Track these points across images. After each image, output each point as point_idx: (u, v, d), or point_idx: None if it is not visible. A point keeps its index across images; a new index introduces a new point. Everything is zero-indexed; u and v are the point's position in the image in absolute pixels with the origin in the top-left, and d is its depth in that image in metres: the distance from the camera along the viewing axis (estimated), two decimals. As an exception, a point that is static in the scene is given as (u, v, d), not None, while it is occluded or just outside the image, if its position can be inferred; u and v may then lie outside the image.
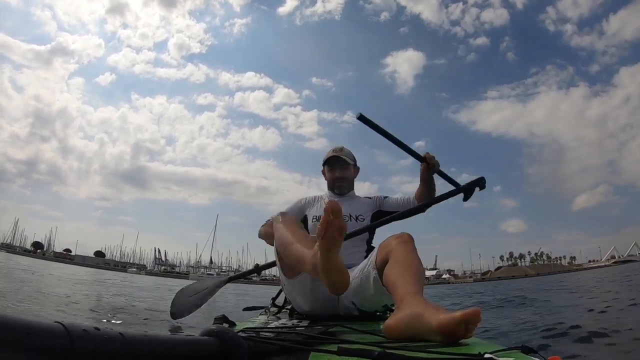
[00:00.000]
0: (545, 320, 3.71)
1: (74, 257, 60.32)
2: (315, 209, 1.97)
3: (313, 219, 1.93)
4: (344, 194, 2.00)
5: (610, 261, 64.02)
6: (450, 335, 0.87)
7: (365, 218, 1.87)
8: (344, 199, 1.98)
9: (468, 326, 0.87)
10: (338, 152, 1.99)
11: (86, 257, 62.23)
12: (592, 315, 3.91)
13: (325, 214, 0.97)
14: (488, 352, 0.71)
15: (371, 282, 1.35)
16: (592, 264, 67.29)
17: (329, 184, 2.05)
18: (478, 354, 0.69)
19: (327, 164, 2.00)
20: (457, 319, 0.85)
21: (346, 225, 1.02)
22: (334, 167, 1.99)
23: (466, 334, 0.88)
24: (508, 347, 0.77)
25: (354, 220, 1.86)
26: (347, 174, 2.00)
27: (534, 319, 4.04)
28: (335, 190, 2.01)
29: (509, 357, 0.70)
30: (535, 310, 5.09)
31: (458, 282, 60.90)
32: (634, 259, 57.12)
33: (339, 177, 1.98)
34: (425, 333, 0.91)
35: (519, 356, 0.72)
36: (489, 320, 3.95)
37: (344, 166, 1.99)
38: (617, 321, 3.29)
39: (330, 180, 2.01)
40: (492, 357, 0.68)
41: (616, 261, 61.62)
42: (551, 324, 3.33)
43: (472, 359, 0.69)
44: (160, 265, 67.72)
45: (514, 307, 5.85)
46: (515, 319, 4.21)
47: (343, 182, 1.99)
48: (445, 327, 0.86)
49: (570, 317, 3.84)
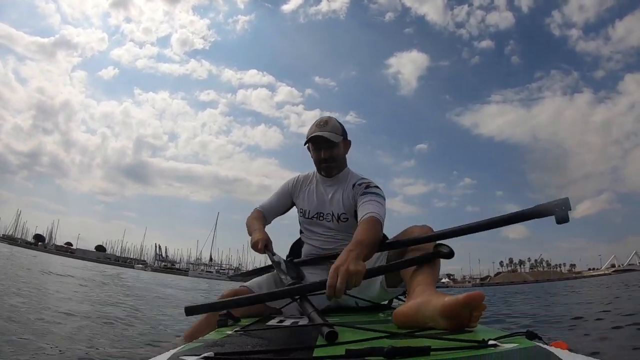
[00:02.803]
0: (549, 311, 3.69)
1: (75, 250, 60.49)
2: (303, 199, 1.78)
3: (300, 212, 1.78)
4: (332, 175, 1.73)
5: (610, 270, 63.54)
6: (454, 318, 0.90)
7: (349, 217, 1.67)
8: (334, 185, 1.73)
9: (472, 313, 0.90)
10: (322, 129, 1.65)
11: (87, 251, 62.39)
12: (597, 307, 3.90)
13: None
14: (492, 339, 0.72)
15: (377, 286, 1.41)
16: (592, 272, 66.90)
17: (315, 165, 1.77)
18: (482, 340, 0.70)
19: (311, 143, 1.69)
20: (460, 301, 0.89)
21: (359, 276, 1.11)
22: (319, 147, 1.68)
23: (471, 322, 0.91)
24: (512, 332, 0.78)
25: (336, 220, 1.68)
26: (334, 153, 1.68)
27: (536, 309, 4.02)
28: (322, 172, 1.74)
29: (513, 342, 0.71)
30: (538, 302, 5.07)
31: (457, 286, 60.83)
32: (634, 268, 56.72)
33: (325, 158, 1.68)
34: (432, 318, 0.95)
35: (522, 342, 0.73)
36: (491, 310, 3.94)
37: (330, 145, 1.67)
38: (620, 312, 3.28)
39: (316, 160, 1.73)
40: (495, 343, 0.69)
41: (616, 270, 61.18)
42: (555, 314, 3.34)
43: (476, 345, 0.69)
44: (160, 262, 67.76)
45: (518, 299, 5.81)
46: (518, 310, 4.21)
47: (330, 162, 1.69)
48: (449, 309, 0.90)
49: (574, 308, 3.84)
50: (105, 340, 2.17)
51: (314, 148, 1.70)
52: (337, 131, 1.67)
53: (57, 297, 4.27)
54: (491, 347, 0.68)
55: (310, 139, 1.67)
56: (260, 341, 0.88)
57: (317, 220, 1.72)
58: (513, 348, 0.68)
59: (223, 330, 1.05)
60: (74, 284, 6.56)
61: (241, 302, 1.23)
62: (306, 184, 1.81)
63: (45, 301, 3.71)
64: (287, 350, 0.75)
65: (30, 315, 2.60)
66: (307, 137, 1.70)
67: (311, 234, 1.74)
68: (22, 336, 1.94)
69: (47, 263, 13.66)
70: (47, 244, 63.04)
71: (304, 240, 1.78)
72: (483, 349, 0.67)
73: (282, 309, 1.42)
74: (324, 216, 1.70)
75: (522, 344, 0.71)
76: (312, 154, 1.74)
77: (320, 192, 1.75)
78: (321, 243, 1.70)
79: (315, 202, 1.74)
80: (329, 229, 1.70)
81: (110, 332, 2.47)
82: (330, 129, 1.66)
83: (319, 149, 1.68)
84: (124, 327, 2.78)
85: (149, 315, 3.78)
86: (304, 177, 1.84)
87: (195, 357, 0.68)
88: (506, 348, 0.67)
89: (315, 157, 1.72)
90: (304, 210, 1.76)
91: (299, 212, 1.80)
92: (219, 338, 0.92)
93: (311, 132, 1.68)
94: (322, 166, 1.71)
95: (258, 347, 0.81)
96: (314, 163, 1.76)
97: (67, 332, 2.25)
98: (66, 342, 1.94)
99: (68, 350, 1.79)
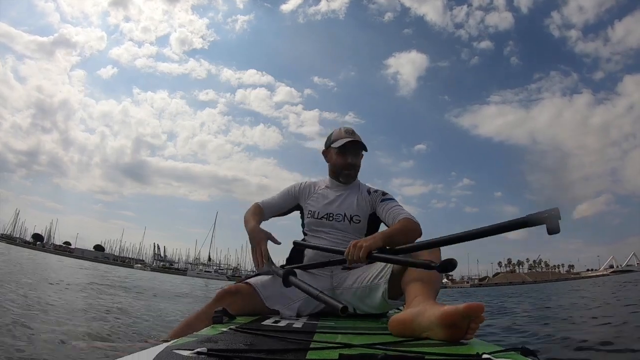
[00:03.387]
0: (547, 326, 3.71)
1: (74, 250, 60.40)
2: (312, 202, 1.78)
3: (309, 214, 1.77)
4: (349, 183, 1.78)
5: (609, 270, 63.77)
6: (451, 327, 0.89)
7: (362, 219, 1.70)
8: (346, 190, 1.77)
9: (470, 324, 0.89)
10: (353, 136, 1.73)
11: (85, 250, 62.35)
12: (596, 324, 3.90)
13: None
14: (486, 353, 0.71)
15: (379, 294, 1.40)
16: (590, 273, 67.13)
17: (334, 170, 1.78)
18: (476, 355, 0.70)
19: (340, 148, 1.72)
20: (460, 310, 0.87)
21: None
22: (347, 152, 1.73)
23: (468, 333, 0.89)
24: (507, 347, 0.77)
25: (348, 220, 1.69)
26: (358, 162, 1.77)
27: (534, 324, 4.05)
28: (341, 178, 1.76)
29: (507, 358, 0.71)
30: (537, 314, 5.10)
31: (455, 286, 61.04)
32: (632, 269, 56.91)
33: (351, 164, 1.73)
34: (429, 327, 0.93)
35: (517, 357, 0.72)
36: (488, 322, 3.97)
37: (358, 152, 1.75)
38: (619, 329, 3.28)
39: (340, 166, 1.74)
40: (490, 357, 0.69)
41: (614, 271, 61.38)
42: (552, 330, 3.35)
43: (470, 358, 0.69)
44: (159, 261, 67.76)
45: (515, 309, 5.85)
46: (515, 322, 4.23)
47: (353, 169, 1.75)
48: (449, 317, 0.88)
49: (574, 323, 3.84)
50: (98, 334, 2.17)
51: (341, 153, 1.73)
52: (363, 141, 1.74)
53: (52, 291, 4.25)
54: None
55: (344, 144, 1.70)
56: (254, 340, 0.87)
57: (326, 221, 1.70)
58: None
59: (218, 326, 1.05)
60: (72, 283, 6.55)
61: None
62: (315, 189, 1.83)
63: (39, 295, 3.69)
64: (280, 351, 0.75)
65: (28, 310, 2.59)
66: (331, 142, 1.76)
67: (319, 234, 1.71)
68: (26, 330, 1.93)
69: (45, 264, 13.62)
70: (45, 243, 63.01)
71: (309, 241, 1.72)
72: None
73: (279, 309, 1.42)
74: (334, 216, 1.70)
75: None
76: (334, 159, 1.75)
77: (332, 195, 1.76)
78: (329, 243, 1.64)
79: (325, 203, 1.74)
80: (338, 229, 1.68)
81: (105, 326, 2.47)
82: (359, 138, 1.73)
83: (346, 154, 1.72)
84: (117, 321, 2.77)
85: (144, 310, 3.78)
86: (312, 183, 1.87)
87: (189, 351, 0.68)
88: None
89: (340, 162, 1.74)
90: (312, 212, 1.74)
91: (307, 215, 1.77)
92: (213, 334, 0.91)
93: (340, 137, 1.73)
94: (345, 173, 1.75)
95: (252, 346, 0.80)
96: (334, 168, 1.78)
97: (62, 326, 2.24)
98: (60, 336, 1.94)
99: (61, 344, 1.79)
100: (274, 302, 1.43)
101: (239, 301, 1.36)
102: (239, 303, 1.35)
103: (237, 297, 1.38)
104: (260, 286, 1.44)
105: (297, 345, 0.82)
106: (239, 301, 1.36)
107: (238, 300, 1.37)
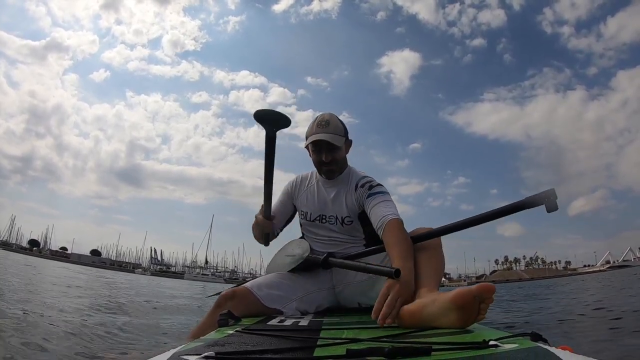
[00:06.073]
0: (557, 312, 3.65)
1: (70, 255, 59.94)
2: (303, 200, 1.73)
3: (302, 215, 1.74)
4: (333, 178, 1.67)
5: (605, 266, 64.01)
6: (463, 309, 0.92)
7: (353, 220, 1.63)
8: (335, 186, 1.68)
9: (481, 305, 0.92)
10: (323, 130, 1.56)
11: (82, 255, 61.67)
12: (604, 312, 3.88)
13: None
14: (494, 339, 0.72)
15: (381, 286, 1.41)
16: (587, 269, 67.48)
17: (315, 166, 1.70)
18: (482, 341, 0.70)
19: (311, 145, 1.60)
20: (473, 290, 0.91)
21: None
22: (321, 149, 1.59)
23: (479, 314, 0.93)
24: (516, 333, 0.78)
25: (340, 223, 1.64)
26: (336, 156, 1.60)
27: (544, 309, 3.99)
28: (323, 175, 1.68)
29: (514, 343, 0.71)
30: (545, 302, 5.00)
31: (453, 284, 61.17)
32: (629, 264, 57.25)
33: (326, 161, 1.60)
34: (440, 313, 0.96)
35: (524, 342, 0.73)
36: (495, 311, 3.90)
37: (332, 147, 1.58)
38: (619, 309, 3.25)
39: (317, 163, 1.65)
40: (496, 343, 0.69)
41: (611, 266, 61.64)
42: (562, 316, 3.33)
43: (477, 345, 0.69)
44: (156, 265, 67.36)
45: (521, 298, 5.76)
46: (523, 310, 4.17)
47: (332, 165, 1.62)
48: (461, 298, 0.92)
49: (580, 311, 3.82)
50: (105, 340, 2.17)
51: (314, 150, 1.61)
52: (339, 132, 1.59)
53: (54, 297, 4.24)
54: (492, 347, 0.68)
55: (313, 141, 1.57)
56: (261, 341, 0.88)
57: (320, 223, 1.68)
58: (514, 348, 0.68)
59: (224, 330, 1.05)
60: (73, 287, 6.52)
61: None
62: (305, 185, 1.75)
63: (43, 301, 3.68)
64: (287, 350, 0.75)
65: (32, 317, 2.59)
66: (306, 137, 1.62)
67: (314, 236, 1.71)
68: (28, 338, 1.94)
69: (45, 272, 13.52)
70: (42, 249, 62.33)
71: (308, 241, 1.73)
72: (484, 349, 0.68)
73: (283, 309, 1.43)
74: (327, 219, 1.67)
75: (523, 345, 0.71)
76: (311, 156, 1.65)
77: (322, 194, 1.70)
78: (325, 246, 1.66)
79: (316, 204, 1.69)
80: (332, 231, 1.67)
81: (112, 332, 2.47)
82: (333, 130, 1.57)
83: (319, 152, 1.59)
84: (125, 327, 2.77)
85: (152, 316, 3.77)
86: (302, 178, 1.79)
87: (196, 356, 0.68)
88: (507, 348, 0.68)
89: (315, 159, 1.63)
90: (305, 213, 1.72)
91: (300, 214, 1.76)
92: (219, 337, 0.91)
93: (311, 133, 1.58)
94: (323, 169, 1.64)
95: (259, 347, 0.81)
96: (314, 165, 1.68)
97: (66, 332, 2.24)
98: (65, 342, 1.94)
99: (67, 350, 1.80)
100: (272, 301, 1.43)
101: (238, 304, 1.36)
102: (239, 306, 1.35)
103: (235, 301, 1.38)
104: (255, 287, 1.44)
105: (304, 344, 0.83)
106: (238, 304, 1.36)
107: (237, 303, 1.37)
